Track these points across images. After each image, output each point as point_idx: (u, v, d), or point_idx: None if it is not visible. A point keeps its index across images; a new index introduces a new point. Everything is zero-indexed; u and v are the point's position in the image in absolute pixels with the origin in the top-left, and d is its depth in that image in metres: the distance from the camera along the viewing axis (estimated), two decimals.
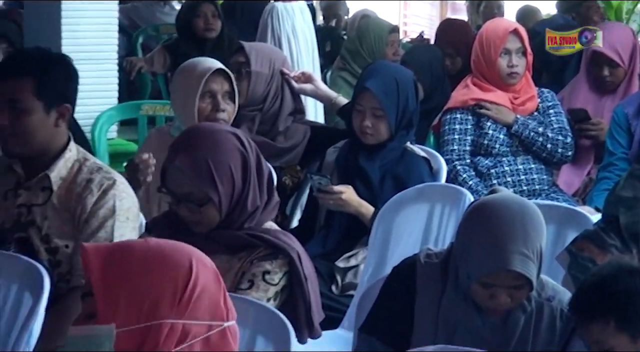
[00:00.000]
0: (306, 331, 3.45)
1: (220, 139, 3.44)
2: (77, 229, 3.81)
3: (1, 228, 3.84)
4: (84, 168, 3.88)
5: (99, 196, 3.81)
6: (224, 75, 4.82)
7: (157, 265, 2.22)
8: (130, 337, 2.19)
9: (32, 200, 3.86)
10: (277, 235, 3.50)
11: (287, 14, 7.03)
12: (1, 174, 3.92)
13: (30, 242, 3.80)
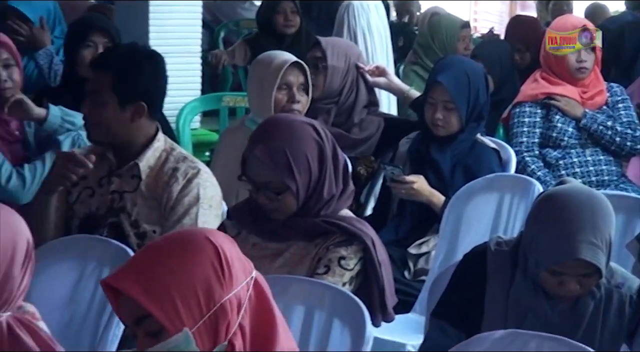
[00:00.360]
0: (380, 314, 3.44)
1: (297, 130, 3.44)
2: (164, 216, 3.84)
3: (95, 213, 3.89)
4: (171, 157, 3.92)
5: (184, 184, 3.85)
6: (300, 68, 4.86)
7: (186, 257, 2.19)
8: (205, 330, 2.17)
9: (123, 187, 3.90)
10: (352, 222, 3.49)
11: (362, 11, 7.04)
12: (97, 161, 3.96)
13: (121, 227, 3.84)
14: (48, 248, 3.62)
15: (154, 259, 2.20)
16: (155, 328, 2.16)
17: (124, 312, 2.21)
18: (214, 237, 2.22)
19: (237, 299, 2.20)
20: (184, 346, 2.15)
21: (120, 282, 2.18)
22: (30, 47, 5.89)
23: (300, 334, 3.18)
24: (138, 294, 2.15)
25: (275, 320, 2.25)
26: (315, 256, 3.45)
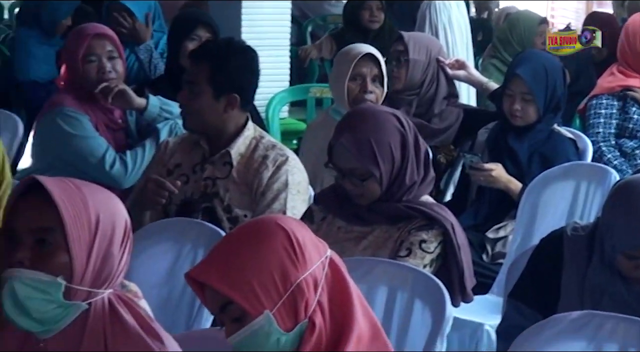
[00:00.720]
0: (459, 295, 3.43)
1: (381, 120, 3.44)
2: (254, 201, 3.86)
3: (190, 199, 3.93)
4: (260, 145, 3.94)
5: (274, 171, 3.87)
6: (374, 60, 4.86)
7: (259, 244, 2.21)
8: (285, 310, 2.18)
9: (216, 174, 3.93)
10: (432, 207, 3.49)
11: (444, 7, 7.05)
12: (191, 148, 4.00)
13: (214, 212, 3.87)
14: (147, 231, 3.66)
15: (229, 250, 2.23)
16: (238, 313, 2.19)
17: (210, 302, 2.24)
18: (284, 223, 2.24)
19: (313, 278, 2.21)
20: (266, 327, 2.17)
21: (202, 274, 2.22)
22: (132, 41, 5.95)
23: (384, 313, 3.18)
24: (219, 284, 2.18)
25: (352, 296, 2.25)
26: (397, 239, 3.45)
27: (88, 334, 2.29)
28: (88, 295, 2.29)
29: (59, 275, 2.26)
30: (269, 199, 3.85)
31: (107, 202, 2.34)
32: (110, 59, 4.64)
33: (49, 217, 2.26)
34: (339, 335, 2.21)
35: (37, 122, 4.71)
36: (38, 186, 2.28)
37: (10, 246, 2.29)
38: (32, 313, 2.26)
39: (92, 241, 2.29)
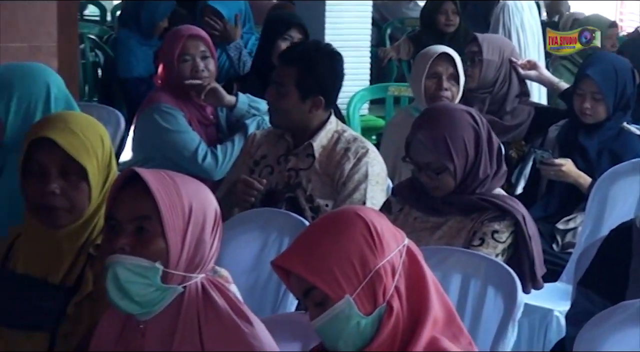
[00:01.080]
0: (530, 282, 3.42)
1: (456, 117, 3.44)
2: (336, 191, 3.86)
3: (275, 189, 3.94)
4: (342, 138, 3.94)
5: (355, 162, 3.88)
6: (450, 60, 4.85)
7: (340, 233, 2.21)
8: (364, 295, 2.18)
9: (299, 165, 3.94)
10: (504, 199, 3.47)
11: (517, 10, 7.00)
12: (275, 141, 4.02)
13: (297, 201, 3.88)
14: (236, 220, 3.68)
15: (312, 239, 2.23)
16: (320, 298, 2.19)
17: (294, 287, 2.25)
18: (363, 213, 2.24)
19: (391, 265, 2.20)
20: (347, 311, 2.17)
21: (287, 262, 2.22)
22: (223, 41, 5.99)
23: (458, 300, 3.16)
24: (302, 271, 2.19)
25: (427, 282, 2.24)
26: (470, 229, 3.44)
27: (183, 316, 2.31)
28: (183, 279, 2.31)
29: (156, 260, 2.28)
30: (349, 189, 3.86)
31: (199, 193, 2.36)
32: (203, 59, 4.68)
33: (147, 206, 2.28)
34: (416, 319, 2.21)
35: (136, 118, 4.76)
36: (137, 177, 2.30)
37: (112, 233, 2.31)
38: (133, 296, 2.28)
39: (185, 228, 2.30)
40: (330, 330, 2.20)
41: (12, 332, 2.63)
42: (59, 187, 2.58)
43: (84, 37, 7.53)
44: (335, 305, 2.17)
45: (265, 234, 3.60)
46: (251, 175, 4.01)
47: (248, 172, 4.03)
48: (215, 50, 4.90)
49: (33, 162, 2.60)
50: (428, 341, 2.20)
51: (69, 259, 2.61)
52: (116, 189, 2.34)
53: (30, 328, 2.61)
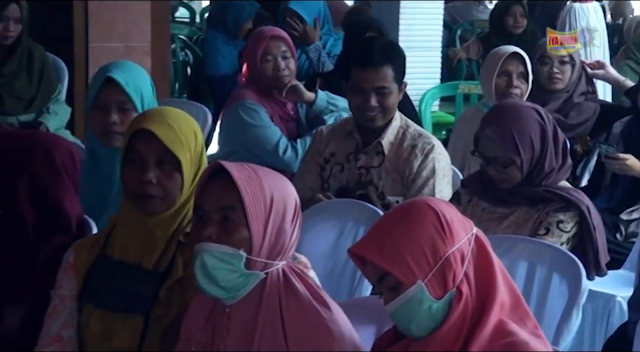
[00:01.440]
0: (594, 270, 3.40)
1: (522, 113, 3.43)
2: (405, 187, 3.84)
3: (346, 186, 3.93)
4: (407, 134, 3.92)
5: (422, 159, 3.85)
6: (520, 59, 4.83)
7: (412, 222, 2.20)
8: (435, 280, 2.18)
9: (370, 163, 3.92)
10: (569, 191, 3.45)
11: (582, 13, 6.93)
12: (343, 138, 3.99)
13: (369, 198, 3.86)
14: (315, 210, 3.68)
15: (386, 229, 2.23)
16: (394, 284, 2.19)
17: (369, 274, 2.25)
18: (433, 203, 2.23)
19: (460, 252, 2.20)
20: (419, 296, 2.17)
21: (363, 250, 2.23)
22: (303, 42, 6.00)
23: (524, 286, 3.15)
24: (376, 258, 2.19)
25: (495, 269, 2.23)
26: (536, 219, 3.42)
27: (265, 301, 2.32)
28: (265, 266, 2.32)
29: (240, 248, 2.29)
30: (418, 185, 3.84)
31: (280, 184, 2.37)
32: (284, 59, 4.69)
33: (232, 197, 2.29)
34: (484, 303, 2.20)
35: (222, 113, 4.80)
36: (222, 170, 2.32)
37: (200, 223, 2.33)
38: (219, 282, 2.29)
39: (267, 217, 2.31)
40: (403, 314, 2.20)
41: (110, 315, 2.66)
42: (155, 177, 2.60)
43: (175, 38, 7.60)
44: (408, 290, 2.17)
45: (342, 224, 3.60)
46: (322, 172, 4.01)
47: (318, 170, 4.02)
48: (296, 50, 4.91)
49: (133, 152, 2.62)
50: (495, 324, 2.19)
51: (161, 246, 2.63)
52: (203, 181, 2.36)
53: (126, 311, 2.63)
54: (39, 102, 5.16)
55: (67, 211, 2.96)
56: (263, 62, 4.67)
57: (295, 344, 2.28)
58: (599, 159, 4.72)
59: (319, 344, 2.27)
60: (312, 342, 2.27)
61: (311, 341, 2.27)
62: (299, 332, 2.29)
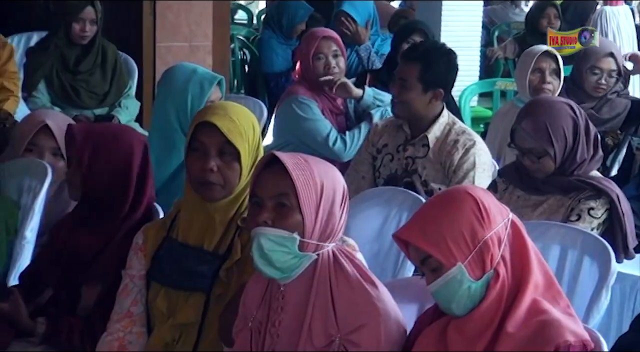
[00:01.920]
0: (622, 253, 3.36)
1: (556, 107, 3.40)
2: (447, 177, 3.84)
3: (395, 174, 3.94)
4: (453, 131, 3.92)
5: (463, 153, 3.86)
6: (552, 56, 4.79)
7: (452, 209, 2.19)
8: (474, 262, 2.17)
9: (416, 153, 3.93)
10: (600, 180, 3.42)
11: (613, 15, 6.85)
12: (395, 132, 4.01)
13: (414, 186, 3.86)
14: (361, 197, 3.67)
15: (428, 214, 2.22)
16: (435, 265, 2.18)
17: (412, 256, 2.25)
18: (472, 191, 2.23)
19: (497, 236, 2.18)
20: (459, 277, 2.16)
21: (406, 234, 2.22)
22: (354, 43, 6.00)
23: (556, 268, 3.11)
24: (419, 242, 2.18)
25: (529, 252, 2.22)
26: (569, 206, 3.40)
27: (317, 280, 2.32)
28: (316, 247, 2.32)
29: (294, 232, 2.29)
30: (459, 177, 3.83)
31: (329, 172, 2.37)
32: (334, 57, 4.70)
33: (285, 185, 2.30)
34: (519, 283, 2.19)
35: (277, 108, 4.81)
36: (276, 160, 2.32)
37: (256, 209, 2.34)
38: (275, 263, 2.30)
39: (318, 203, 2.31)
40: (444, 293, 2.19)
41: (175, 292, 2.68)
42: (216, 165, 2.60)
43: (234, 38, 7.61)
44: (448, 271, 2.17)
45: (387, 210, 3.59)
46: (374, 162, 4.03)
47: (370, 160, 4.05)
48: (346, 50, 4.90)
49: (197, 142, 2.63)
50: (530, 303, 2.18)
51: (221, 230, 2.64)
52: (259, 170, 2.36)
53: (189, 289, 2.65)
54: (112, 97, 5.20)
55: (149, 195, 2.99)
56: (315, 60, 4.68)
57: (344, 320, 2.28)
58: (629, 151, 4.65)
59: (366, 320, 2.26)
60: (359, 318, 2.27)
61: (359, 317, 2.27)
62: (348, 309, 2.29)
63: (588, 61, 4.95)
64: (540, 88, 4.67)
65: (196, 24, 5.94)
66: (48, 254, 2.98)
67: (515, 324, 2.15)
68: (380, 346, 2.24)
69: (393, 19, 7.04)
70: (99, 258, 2.90)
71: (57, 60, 5.10)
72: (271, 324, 2.36)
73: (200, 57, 5.68)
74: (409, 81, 3.87)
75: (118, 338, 2.69)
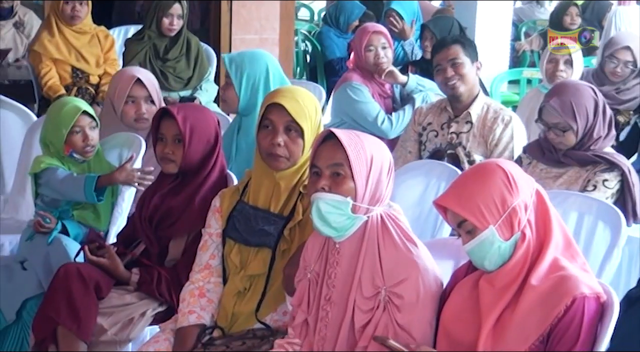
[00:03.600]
0: (632, 218, 3.30)
1: (580, 89, 3.35)
2: (489, 149, 3.79)
3: (440, 148, 3.90)
4: (491, 108, 3.88)
5: (503, 127, 3.81)
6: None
7: (485, 178, 2.17)
8: (504, 226, 2.15)
9: (460, 129, 3.88)
10: (613, 155, 3.36)
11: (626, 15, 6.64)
12: (439, 112, 3.98)
13: (457, 157, 3.82)
14: (406, 168, 3.64)
15: (464, 184, 2.20)
16: (470, 228, 2.17)
17: (450, 220, 2.23)
18: (502, 163, 2.21)
19: (524, 203, 2.17)
20: (491, 238, 2.15)
21: (445, 201, 2.21)
22: (400, 38, 5.95)
23: (574, 231, 3.06)
24: (456, 207, 2.17)
25: (551, 217, 2.20)
26: (586, 178, 3.34)
27: (367, 239, 2.31)
28: (367, 211, 2.31)
29: (347, 196, 2.29)
30: (500, 149, 3.80)
31: (378, 146, 2.36)
32: (383, 49, 4.67)
33: (340, 156, 2.29)
34: (542, 243, 2.18)
35: (334, 92, 4.80)
36: (332, 136, 2.32)
37: (315, 177, 2.34)
38: (331, 223, 2.29)
39: (368, 172, 2.30)
40: (477, 252, 2.17)
41: (246, 248, 2.68)
42: (283, 141, 2.59)
43: (298, 32, 7.59)
44: (482, 233, 2.15)
45: (427, 180, 3.56)
46: (419, 138, 3.98)
47: (416, 137, 4.01)
48: (393, 43, 4.87)
49: (267, 121, 2.62)
50: (551, 261, 2.16)
51: (285, 195, 2.64)
52: (317, 144, 2.36)
53: (258, 245, 2.65)
54: (195, 81, 5.21)
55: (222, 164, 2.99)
56: (366, 51, 4.66)
57: (389, 274, 2.28)
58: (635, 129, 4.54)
59: (408, 274, 2.26)
60: (402, 272, 2.26)
61: (402, 271, 2.27)
62: (392, 264, 2.28)
63: (608, 50, 4.88)
64: (555, 75, 4.61)
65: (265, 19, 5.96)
66: (141, 216, 3.00)
67: (538, 277, 2.14)
68: (419, 297, 2.24)
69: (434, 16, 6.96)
70: (183, 217, 2.91)
71: (149, 49, 5.12)
72: (327, 275, 2.35)
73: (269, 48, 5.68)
74: (458, 58, 3.82)
75: (199, 287, 2.71)
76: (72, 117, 3.29)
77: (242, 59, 3.45)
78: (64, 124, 3.29)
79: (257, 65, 3.45)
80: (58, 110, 3.35)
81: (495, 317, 2.14)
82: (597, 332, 2.11)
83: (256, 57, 3.50)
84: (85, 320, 2.80)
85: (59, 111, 3.34)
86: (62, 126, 3.29)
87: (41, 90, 5.10)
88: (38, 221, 3.25)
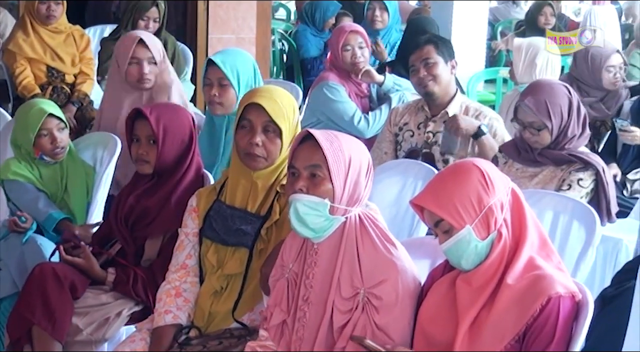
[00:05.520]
0: (606, 217, 3.32)
1: (554, 88, 3.35)
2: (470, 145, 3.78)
3: (415, 147, 3.90)
4: (470, 107, 3.88)
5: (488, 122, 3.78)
6: None
7: (461, 178, 2.16)
8: (480, 225, 2.15)
9: (437, 129, 3.88)
10: (588, 155, 3.37)
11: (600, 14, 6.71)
12: (415, 112, 3.97)
13: (432, 156, 3.82)
14: (383, 168, 3.65)
15: (440, 183, 2.20)
16: (447, 227, 2.17)
17: (427, 219, 2.23)
18: (478, 163, 2.21)
19: (500, 202, 2.17)
20: (467, 237, 2.15)
21: (421, 200, 2.21)
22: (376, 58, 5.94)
23: (550, 231, 3.08)
24: (433, 207, 2.17)
25: (527, 216, 2.20)
26: (561, 177, 3.35)
27: (345, 239, 2.31)
28: (345, 212, 2.31)
29: (325, 198, 2.28)
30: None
31: (356, 146, 2.35)
32: (360, 48, 4.66)
33: (318, 157, 2.29)
34: (518, 242, 2.18)
35: (310, 91, 4.79)
36: (310, 136, 2.31)
37: (293, 178, 2.33)
38: (309, 224, 2.29)
39: (346, 173, 2.29)
40: (454, 251, 2.18)
41: (222, 248, 2.67)
42: (261, 141, 2.59)
43: (275, 31, 7.59)
44: (458, 233, 2.15)
45: (404, 179, 3.56)
46: (396, 138, 3.98)
47: (392, 137, 4.00)
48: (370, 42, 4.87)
49: (245, 120, 2.62)
50: (527, 260, 2.17)
51: (262, 195, 2.63)
52: (295, 144, 2.35)
53: (235, 245, 2.64)
54: None
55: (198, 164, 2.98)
56: (343, 51, 4.65)
57: (367, 275, 2.27)
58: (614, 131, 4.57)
59: (387, 276, 2.26)
60: (381, 273, 2.26)
61: (381, 272, 2.26)
62: (372, 265, 2.28)
63: (601, 62, 4.69)
64: None
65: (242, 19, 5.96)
66: (117, 216, 2.99)
67: (514, 277, 2.14)
68: (398, 298, 2.24)
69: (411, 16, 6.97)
70: (159, 217, 2.91)
71: None
72: (305, 276, 2.35)
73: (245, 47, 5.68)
74: (431, 58, 3.82)
75: (175, 286, 2.70)
76: (39, 120, 3.28)
77: (233, 59, 3.44)
78: (30, 127, 3.29)
79: (246, 64, 3.45)
80: (25, 114, 3.34)
81: (472, 317, 2.14)
82: (572, 332, 2.12)
83: (242, 55, 3.51)
84: (60, 320, 2.78)
85: (25, 115, 3.34)
86: (29, 130, 3.29)
87: (15, 90, 5.06)
88: (13, 220, 3.24)
